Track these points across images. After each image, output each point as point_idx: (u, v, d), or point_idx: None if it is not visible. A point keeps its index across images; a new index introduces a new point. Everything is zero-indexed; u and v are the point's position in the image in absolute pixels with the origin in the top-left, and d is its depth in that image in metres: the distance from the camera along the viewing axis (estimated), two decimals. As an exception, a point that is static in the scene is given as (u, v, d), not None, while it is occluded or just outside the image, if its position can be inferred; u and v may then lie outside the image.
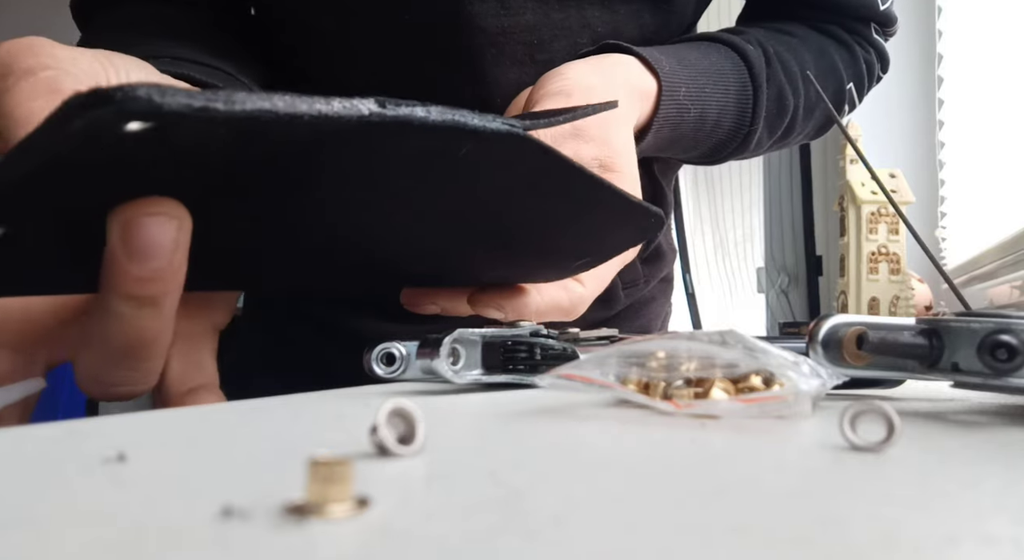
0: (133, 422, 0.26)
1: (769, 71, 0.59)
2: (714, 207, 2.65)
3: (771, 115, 0.60)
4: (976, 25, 1.53)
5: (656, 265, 0.73)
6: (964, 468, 0.20)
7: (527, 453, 0.22)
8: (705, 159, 0.62)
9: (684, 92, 0.53)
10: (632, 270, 0.69)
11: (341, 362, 0.63)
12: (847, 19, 0.68)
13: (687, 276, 2.43)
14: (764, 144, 0.62)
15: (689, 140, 0.57)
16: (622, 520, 0.14)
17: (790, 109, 0.61)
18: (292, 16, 0.60)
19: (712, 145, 0.59)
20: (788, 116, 0.61)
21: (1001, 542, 0.13)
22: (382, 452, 0.20)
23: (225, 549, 0.13)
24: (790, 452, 0.23)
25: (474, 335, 0.39)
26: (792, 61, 0.62)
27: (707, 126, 0.56)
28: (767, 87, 0.59)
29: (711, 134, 0.57)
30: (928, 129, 1.71)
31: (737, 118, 0.58)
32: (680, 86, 0.53)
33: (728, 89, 0.57)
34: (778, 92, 0.60)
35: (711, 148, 0.59)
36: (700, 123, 0.56)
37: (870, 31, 0.69)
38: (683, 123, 0.54)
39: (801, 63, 0.63)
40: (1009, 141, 1.36)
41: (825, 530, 0.14)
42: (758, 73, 0.58)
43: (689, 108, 0.54)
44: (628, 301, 0.70)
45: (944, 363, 0.29)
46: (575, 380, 0.29)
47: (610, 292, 0.68)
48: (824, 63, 0.65)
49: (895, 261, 1.18)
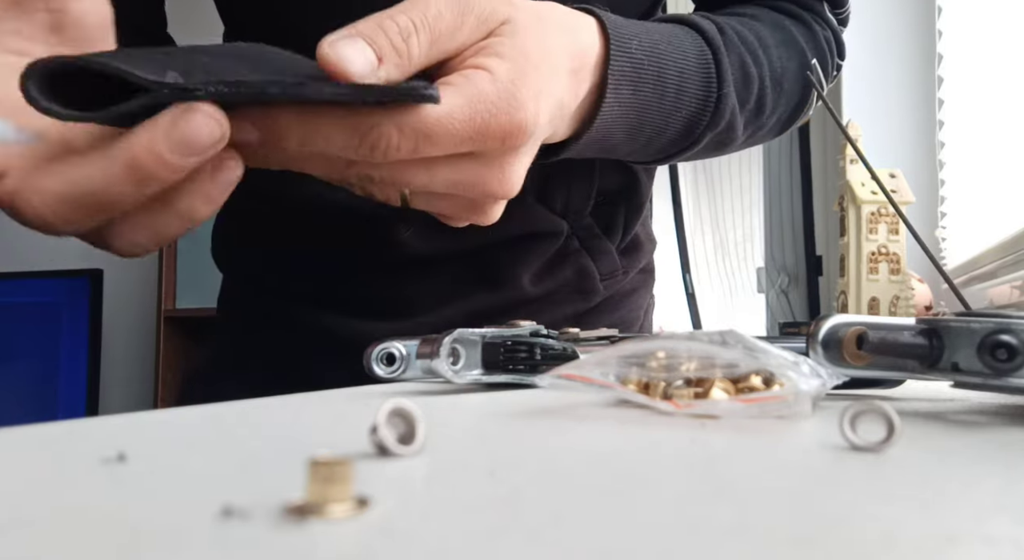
0: (133, 422, 0.26)
1: (724, 38, 0.56)
2: (714, 207, 2.65)
3: (738, 83, 0.57)
4: (976, 25, 1.53)
5: (634, 256, 0.72)
6: (964, 468, 0.20)
7: (527, 453, 0.22)
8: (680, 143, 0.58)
9: (636, 45, 0.50)
10: (610, 261, 0.69)
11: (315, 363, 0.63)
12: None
13: (687, 276, 2.43)
14: (738, 120, 0.58)
15: (655, 111, 0.53)
16: (622, 520, 0.14)
17: (755, 78, 0.58)
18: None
19: (684, 120, 0.55)
20: (755, 85, 0.58)
21: (1001, 542, 0.13)
22: (382, 452, 0.20)
23: (225, 549, 0.13)
24: (790, 452, 0.23)
25: (474, 335, 0.39)
26: (747, 32, 0.59)
27: (670, 90, 0.52)
28: (727, 53, 0.56)
29: (677, 101, 0.53)
30: (928, 129, 1.71)
31: (703, 84, 0.55)
32: (631, 39, 0.50)
33: (686, 52, 0.54)
34: (739, 59, 0.57)
35: (684, 124, 0.55)
36: (660, 84, 0.52)
37: (823, 8, 0.68)
38: (642, 82, 0.50)
39: (757, 33, 0.60)
40: (1009, 141, 1.36)
41: (825, 530, 0.14)
42: (712, 37, 0.56)
43: (644, 62, 0.50)
44: (608, 293, 0.70)
45: (944, 363, 0.29)
46: (575, 380, 0.29)
47: (588, 283, 0.67)
48: (782, 35, 0.63)
49: (895, 261, 1.18)
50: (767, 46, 0.60)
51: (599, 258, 0.67)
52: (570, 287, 0.67)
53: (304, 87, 0.34)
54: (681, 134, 0.56)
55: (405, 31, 0.37)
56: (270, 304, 0.67)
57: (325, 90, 0.34)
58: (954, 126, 1.62)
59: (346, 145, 0.36)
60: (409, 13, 0.38)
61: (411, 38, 0.37)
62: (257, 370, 0.67)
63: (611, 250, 0.68)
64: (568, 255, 0.66)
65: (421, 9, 0.38)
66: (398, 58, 0.37)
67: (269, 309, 0.67)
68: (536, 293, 0.65)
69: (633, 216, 0.70)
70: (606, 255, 0.68)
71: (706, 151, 0.60)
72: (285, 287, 0.66)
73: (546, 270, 0.65)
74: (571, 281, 0.67)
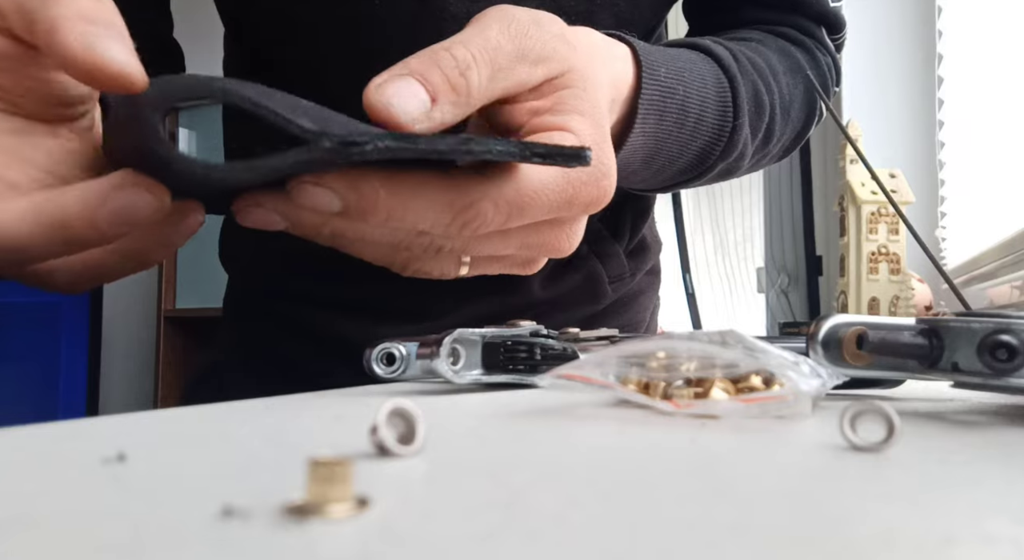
0: (133, 422, 0.26)
1: (739, 66, 0.56)
2: (714, 207, 2.65)
3: (751, 113, 0.56)
4: (976, 25, 1.53)
5: (641, 258, 0.72)
6: (964, 468, 0.20)
7: (527, 453, 0.22)
8: (691, 173, 0.57)
9: (664, 73, 0.48)
10: (618, 264, 0.69)
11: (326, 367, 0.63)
12: (798, 17, 0.66)
13: (687, 276, 2.43)
14: (748, 150, 0.58)
15: (673, 140, 0.52)
16: (622, 520, 0.14)
17: (767, 107, 0.58)
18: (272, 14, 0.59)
19: (698, 150, 0.54)
20: (767, 114, 0.58)
21: (1001, 542, 0.13)
22: (382, 452, 0.20)
23: (225, 549, 0.13)
24: (790, 452, 0.23)
25: (474, 335, 0.39)
26: (759, 59, 0.59)
27: (690, 120, 0.52)
28: (742, 80, 0.55)
29: (695, 132, 0.53)
30: (928, 129, 1.71)
31: (719, 114, 0.54)
32: (660, 66, 0.48)
33: (706, 81, 0.53)
34: (753, 89, 0.56)
35: (697, 155, 0.54)
36: (683, 114, 0.51)
37: (822, 34, 0.67)
38: (666, 111, 0.49)
39: (767, 61, 0.59)
40: (1009, 141, 1.36)
41: (825, 530, 0.14)
42: (728, 65, 0.54)
43: (674, 90, 0.49)
44: (616, 295, 0.70)
45: (944, 363, 0.29)
46: (575, 380, 0.29)
47: (597, 287, 0.67)
48: (789, 62, 0.62)
49: (895, 261, 1.18)
50: (776, 73, 0.59)
51: (607, 261, 0.68)
52: (579, 291, 0.67)
53: (471, 143, 0.30)
54: (693, 164, 0.55)
55: (463, 64, 0.33)
56: (278, 307, 0.67)
57: (494, 148, 0.30)
58: (954, 126, 1.62)
59: (436, 222, 0.32)
60: (468, 45, 0.34)
61: (470, 72, 0.33)
62: (265, 372, 0.67)
63: (619, 253, 0.68)
64: (577, 259, 0.66)
65: (480, 42, 0.34)
66: (455, 96, 0.33)
67: (278, 312, 0.67)
68: (546, 297, 0.65)
69: (640, 218, 0.70)
70: (614, 258, 0.68)
71: (712, 179, 0.59)
72: (295, 290, 0.66)
73: (556, 274, 0.65)
74: (580, 285, 0.67)
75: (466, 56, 0.33)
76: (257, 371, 0.68)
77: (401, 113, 0.31)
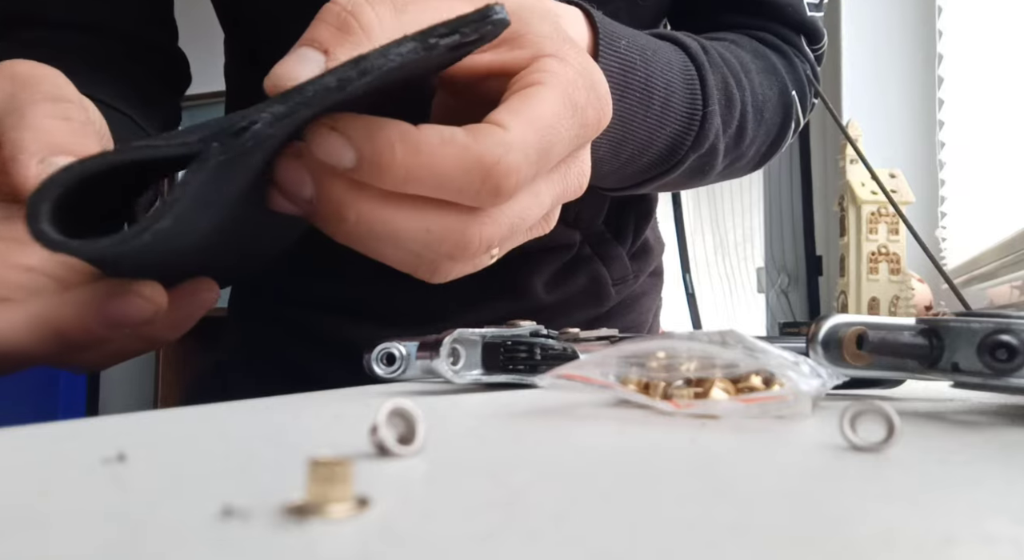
0: (133, 422, 0.26)
1: (708, 58, 0.53)
2: (714, 207, 2.65)
3: (721, 104, 0.53)
4: (976, 25, 1.53)
5: (645, 260, 0.72)
6: (964, 468, 0.20)
7: (527, 453, 0.22)
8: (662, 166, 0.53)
9: (625, 45, 0.45)
10: (621, 266, 0.69)
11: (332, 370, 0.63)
12: (777, 25, 0.65)
13: (687, 276, 2.43)
14: (720, 144, 0.55)
15: (640, 123, 0.48)
16: (622, 520, 0.14)
17: (738, 102, 0.55)
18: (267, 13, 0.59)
19: (667, 139, 0.51)
20: (738, 110, 0.55)
21: (1001, 542, 0.13)
22: (382, 452, 0.20)
23: (225, 549, 0.13)
24: (790, 452, 0.23)
25: (474, 335, 0.39)
26: (730, 56, 0.56)
27: (656, 102, 0.48)
28: (711, 70, 0.52)
29: (662, 117, 0.49)
30: (928, 129, 1.71)
31: (688, 99, 0.50)
32: (620, 38, 0.45)
33: (671, 64, 0.50)
34: (723, 81, 0.54)
35: (667, 145, 0.51)
36: (647, 94, 0.47)
37: (801, 42, 0.66)
38: (628, 88, 0.46)
39: (739, 58, 0.57)
40: (1009, 141, 1.36)
41: (825, 530, 0.14)
42: (696, 53, 0.52)
43: (634, 63, 0.46)
44: (619, 297, 0.70)
45: (944, 363, 0.29)
46: (575, 380, 0.29)
47: (601, 290, 0.67)
48: (764, 63, 0.60)
49: (895, 261, 1.18)
50: (749, 71, 0.58)
51: (611, 264, 0.68)
52: (583, 293, 0.67)
53: (363, 62, 0.27)
54: (664, 154, 0.52)
55: (350, 4, 0.31)
56: (286, 311, 0.67)
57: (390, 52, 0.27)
58: (954, 126, 1.63)
59: (465, 186, 0.29)
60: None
61: (360, 9, 0.31)
62: (269, 374, 0.67)
63: (622, 255, 0.68)
64: (581, 262, 0.66)
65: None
66: (347, 35, 0.30)
67: (286, 316, 0.67)
68: (550, 301, 0.65)
69: (643, 220, 0.70)
70: (617, 260, 0.68)
71: (684, 177, 0.56)
72: (302, 295, 0.66)
73: (560, 278, 0.65)
74: (584, 288, 0.67)
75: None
76: (261, 372, 0.68)
77: (292, 75, 0.29)
